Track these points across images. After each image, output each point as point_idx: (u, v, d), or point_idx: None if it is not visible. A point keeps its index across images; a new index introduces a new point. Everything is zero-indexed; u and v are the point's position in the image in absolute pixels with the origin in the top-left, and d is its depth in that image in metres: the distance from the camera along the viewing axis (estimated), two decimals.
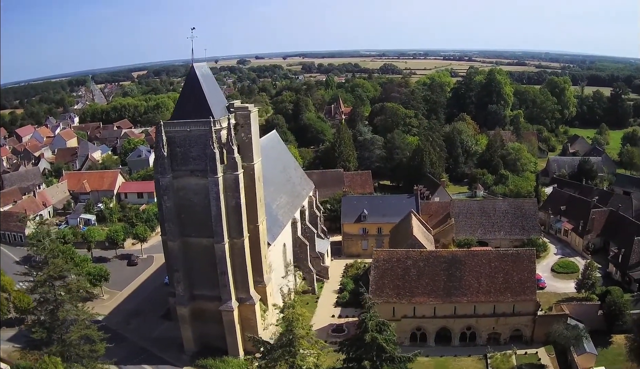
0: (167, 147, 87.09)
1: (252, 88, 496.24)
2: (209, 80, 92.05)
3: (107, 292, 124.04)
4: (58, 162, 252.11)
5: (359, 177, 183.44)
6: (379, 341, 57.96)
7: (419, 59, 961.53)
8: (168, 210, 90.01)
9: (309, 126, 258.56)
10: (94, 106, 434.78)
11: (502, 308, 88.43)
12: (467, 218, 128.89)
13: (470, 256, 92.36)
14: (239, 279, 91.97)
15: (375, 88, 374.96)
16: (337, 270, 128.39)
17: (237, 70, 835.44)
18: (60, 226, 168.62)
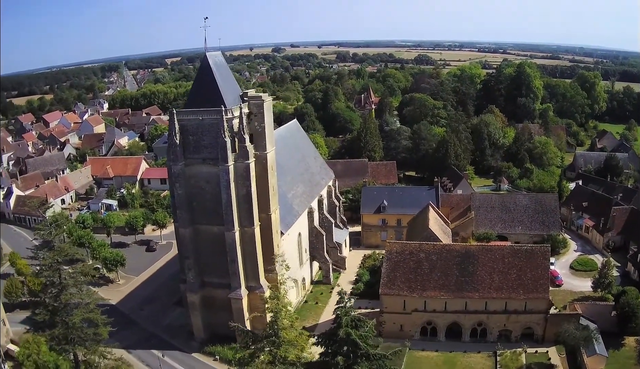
0: (179, 135, 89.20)
1: (284, 76, 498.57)
2: (222, 69, 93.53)
3: (123, 277, 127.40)
4: (84, 148, 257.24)
5: (384, 167, 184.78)
6: (353, 337, 57.67)
7: (454, 50, 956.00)
8: (179, 197, 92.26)
9: (338, 115, 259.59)
10: (124, 92, 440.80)
11: (513, 305, 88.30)
12: (487, 212, 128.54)
13: (483, 251, 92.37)
14: (249, 268, 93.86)
15: (407, 79, 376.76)
16: (355, 261, 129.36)
17: (271, 58, 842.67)
18: (81, 211, 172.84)
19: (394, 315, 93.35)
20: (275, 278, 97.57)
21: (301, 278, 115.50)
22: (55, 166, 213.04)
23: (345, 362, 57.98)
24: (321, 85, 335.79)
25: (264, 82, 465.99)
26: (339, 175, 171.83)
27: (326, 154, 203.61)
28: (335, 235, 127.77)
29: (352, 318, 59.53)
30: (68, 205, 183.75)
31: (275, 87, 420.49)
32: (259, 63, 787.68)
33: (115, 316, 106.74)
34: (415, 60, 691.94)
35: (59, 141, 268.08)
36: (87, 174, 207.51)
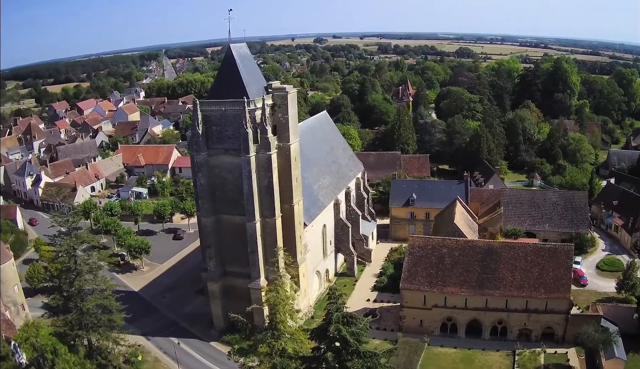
0: (202, 125, 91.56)
1: (323, 67, 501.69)
2: (247, 60, 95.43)
3: (148, 264, 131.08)
4: (116, 135, 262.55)
5: (416, 160, 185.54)
6: (343, 333, 57.69)
7: (496, 44, 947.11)
8: (202, 187, 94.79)
9: (374, 107, 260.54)
10: (160, 81, 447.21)
11: (534, 304, 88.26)
12: (516, 208, 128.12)
13: (506, 248, 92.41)
14: (269, 259, 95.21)
15: (446, 71, 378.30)
16: (381, 254, 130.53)
17: (312, 49, 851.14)
18: (111, 199, 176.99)
19: (414, 310, 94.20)
20: (297, 270, 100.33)
21: (324, 270, 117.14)
22: (87, 153, 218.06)
23: (334, 358, 58.20)
24: (358, 77, 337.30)
25: (303, 72, 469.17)
26: (371, 167, 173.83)
27: (359, 146, 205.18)
28: (362, 227, 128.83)
29: (343, 314, 59.57)
30: (98, 192, 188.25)
31: (314, 78, 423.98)
32: (300, 53, 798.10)
33: (136, 303, 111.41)
34: (456, 53, 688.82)
35: (92, 128, 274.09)
36: (118, 161, 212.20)
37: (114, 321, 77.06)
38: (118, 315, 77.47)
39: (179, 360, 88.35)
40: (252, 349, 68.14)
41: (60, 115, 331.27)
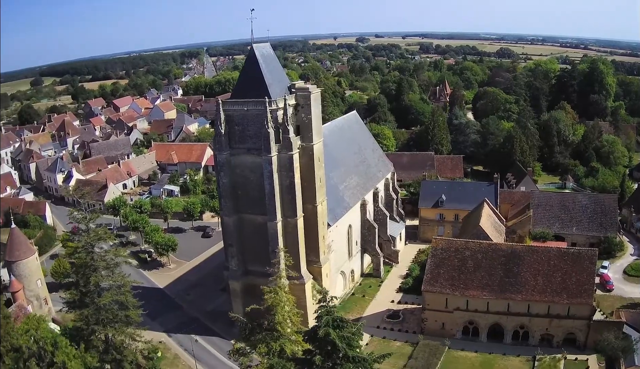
0: (225, 124, 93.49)
1: (363, 66, 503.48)
2: (269, 60, 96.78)
3: (175, 262, 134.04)
4: (151, 133, 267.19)
5: (450, 161, 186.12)
6: (332, 337, 57.80)
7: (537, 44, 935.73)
8: (224, 186, 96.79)
9: (410, 107, 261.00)
10: (198, 79, 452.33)
11: (556, 309, 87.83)
12: (545, 211, 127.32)
13: (529, 252, 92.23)
14: (291, 258, 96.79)
15: (484, 72, 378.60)
16: (409, 255, 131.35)
17: (353, 48, 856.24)
18: (142, 196, 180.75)
19: (436, 313, 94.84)
20: (320, 270, 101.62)
21: (350, 270, 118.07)
22: (120, 150, 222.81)
23: (323, 362, 58.52)
24: (396, 77, 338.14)
25: (343, 71, 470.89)
26: (404, 167, 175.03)
27: (393, 146, 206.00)
28: (390, 228, 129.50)
29: (333, 318, 59.69)
30: (129, 190, 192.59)
31: (353, 77, 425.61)
32: (342, 52, 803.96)
33: (161, 299, 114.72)
34: (497, 53, 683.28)
35: (126, 125, 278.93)
36: (152, 159, 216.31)
37: (131, 317, 79.20)
38: (134, 311, 79.41)
39: (198, 357, 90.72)
40: (251, 349, 69.63)
41: (95, 112, 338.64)
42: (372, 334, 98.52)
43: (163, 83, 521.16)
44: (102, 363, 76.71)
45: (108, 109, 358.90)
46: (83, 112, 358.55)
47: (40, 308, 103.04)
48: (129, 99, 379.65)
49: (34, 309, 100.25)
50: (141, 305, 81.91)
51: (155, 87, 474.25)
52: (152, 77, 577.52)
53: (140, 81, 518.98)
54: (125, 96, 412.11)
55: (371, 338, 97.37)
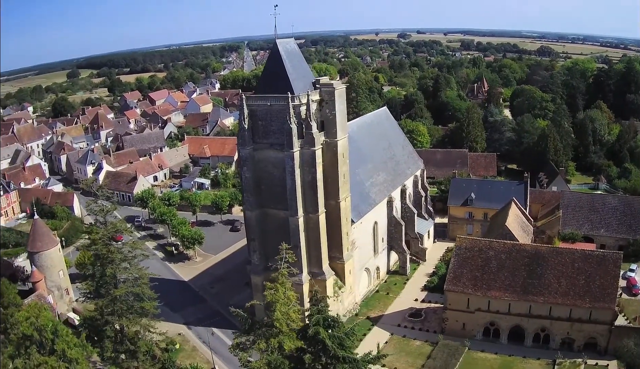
0: (248, 119, 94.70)
1: (403, 62, 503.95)
2: (293, 56, 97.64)
3: (201, 255, 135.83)
4: (186, 127, 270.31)
5: (484, 159, 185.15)
6: (321, 336, 57.54)
7: (577, 43, 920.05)
8: (247, 181, 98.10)
9: (447, 103, 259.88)
10: (236, 73, 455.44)
11: (578, 312, 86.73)
12: (575, 211, 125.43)
13: (554, 254, 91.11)
14: (312, 254, 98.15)
15: (523, 70, 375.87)
16: (437, 253, 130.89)
17: (394, 44, 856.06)
18: (173, 188, 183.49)
19: (457, 312, 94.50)
20: (343, 266, 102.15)
21: (375, 267, 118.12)
22: (153, 143, 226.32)
23: (312, 361, 58.45)
24: (433, 73, 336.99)
25: (382, 67, 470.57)
26: (437, 164, 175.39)
27: (428, 143, 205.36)
28: (418, 226, 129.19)
29: (324, 317, 59.40)
30: (160, 182, 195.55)
31: (392, 73, 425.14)
32: (382, 48, 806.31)
33: (184, 292, 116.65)
34: (537, 51, 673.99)
35: (161, 118, 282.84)
36: (184, 152, 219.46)
37: (145, 308, 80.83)
38: (150, 303, 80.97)
39: (216, 350, 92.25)
40: (251, 344, 70.45)
41: (131, 105, 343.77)
42: (392, 333, 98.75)
43: (201, 76, 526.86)
44: (117, 353, 78.65)
45: (144, 102, 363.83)
46: (119, 105, 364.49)
47: (61, 298, 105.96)
48: (165, 93, 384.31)
49: (54, 299, 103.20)
50: (158, 297, 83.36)
51: (193, 80, 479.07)
52: (191, 70, 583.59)
53: (178, 74, 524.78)
54: (162, 89, 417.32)
55: (391, 336, 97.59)
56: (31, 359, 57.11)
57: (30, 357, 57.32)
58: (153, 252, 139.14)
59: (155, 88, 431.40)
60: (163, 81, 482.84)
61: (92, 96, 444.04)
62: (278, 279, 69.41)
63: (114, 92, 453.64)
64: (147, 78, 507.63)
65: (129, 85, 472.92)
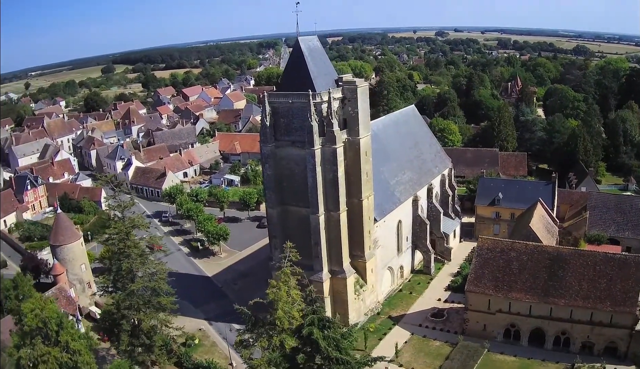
0: (270, 117, 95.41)
1: (439, 60, 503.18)
2: (316, 53, 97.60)
3: (227, 251, 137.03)
4: (219, 123, 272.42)
5: (514, 158, 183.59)
6: (315, 337, 56.87)
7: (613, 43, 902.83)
8: (268, 178, 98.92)
9: (480, 102, 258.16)
10: (270, 70, 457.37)
11: (599, 316, 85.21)
12: (602, 213, 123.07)
13: (575, 256, 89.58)
14: (333, 252, 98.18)
15: (557, 69, 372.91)
16: (462, 252, 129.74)
17: (431, 42, 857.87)
18: (202, 185, 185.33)
19: (478, 313, 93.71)
20: (364, 265, 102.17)
21: (398, 266, 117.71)
22: (185, 139, 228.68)
23: (305, 361, 58.32)
24: (467, 71, 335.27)
25: (418, 65, 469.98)
26: (467, 163, 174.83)
27: (459, 142, 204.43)
28: (444, 225, 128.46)
29: (319, 317, 58.81)
30: (190, 178, 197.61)
31: (427, 71, 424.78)
32: (420, 46, 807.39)
33: (207, 288, 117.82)
34: (573, 50, 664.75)
35: (193, 114, 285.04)
36: (215, 148, 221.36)
37: (162, 303, 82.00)
38: (167, 298, 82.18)
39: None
40: (254, 341, 70.91)
41: (164, 100, 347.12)
42: (413, 332, 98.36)
43: (236, 73, 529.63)
44: (132, 347, 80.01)
45: (177, 97, 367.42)
46: (152, 100, 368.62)
47: (83, 291, 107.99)
48: (199, 89, 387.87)
49: (76, 292, 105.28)
50: (179, 292, 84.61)
51: (227, 77, 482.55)
52: (226, 66, 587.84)
53: (214, 71, 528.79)
54: (196, 85, 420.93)
55: (411, 336, 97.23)
56: (35, 349, 58.81)
57: (35, 348, 59.02)
58: (178, 247, 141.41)
59: (189, 84, 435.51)
60: (198, 77, 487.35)
61: (126, 91, 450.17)
62: (281, 277, 69.29)
63: (148, 88, 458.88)
64: (182, 74, 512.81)
65: (163, 81, 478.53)
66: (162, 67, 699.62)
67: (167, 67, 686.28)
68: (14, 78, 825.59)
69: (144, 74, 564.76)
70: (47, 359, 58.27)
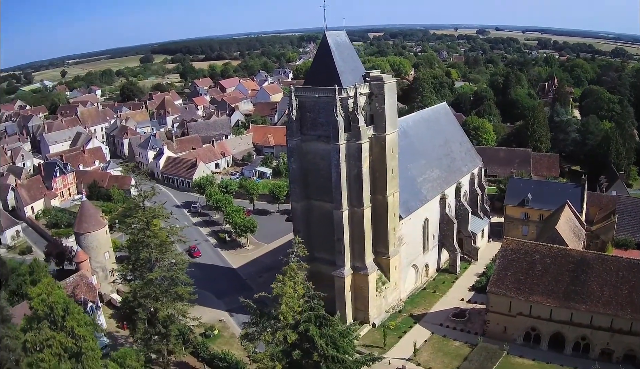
0: (296, 111, 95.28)
1: (478, 58, 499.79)
2: (343, 48, 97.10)
3: (254, 243, 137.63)
4: (254, 115, 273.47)
5: (547, 159, 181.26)
6: (311, 333, 57.07)
7: None
8: (293, 172, 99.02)
9: (516, 101, 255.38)
10: (309, 63, 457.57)
11: (619, 323, 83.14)
12: (630, 217, 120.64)
13: (599, 261, 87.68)
14: (356, 248, 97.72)
15: (594, 70, 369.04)
16: (489, 252, 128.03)
17: (472, 40, 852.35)
18: (233, 176, 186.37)
19: (499, 315, 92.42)
20: (388, 262, 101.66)
21: (423, 264, 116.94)
22: (219, 130, 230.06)
23: (301, 357, 57.95)
24: (504, 70, 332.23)
25: (457, 63, 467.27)
26: (500, 163, 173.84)
27: (493, 141, 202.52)
28: (472, 224, 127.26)
29: (316, 314, 58.77)
30: (222, 169, 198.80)
31: (466, 69, 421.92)
32: (460, 44, 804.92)
33: (231, 280, 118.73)
34: (612, 53, 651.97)
35: (229, 106, 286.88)
36: (248, 141, 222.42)
37: (179, 293, 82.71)
38: (184, 288, 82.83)
39: None
40: (258, 335, 71.01)
41: (200, 91, 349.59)
42: (433, 332, 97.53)
43: (275, 66, 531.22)
44: (149, 335, 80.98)
45: (214, 89, 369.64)
46: (189, 91, 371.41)
47: (105, 278, 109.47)
48: (236, 80, 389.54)
49: (98, 280, 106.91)
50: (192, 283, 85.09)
51: (266, 69, 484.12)
52: (265, 59, 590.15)
53: (252, 63, 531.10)
54: (234, 77, 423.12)
55: (431, 335, 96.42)
56: (41, 333, 59.92)
57: (41, 332, 60.15)
58: (206, 238, 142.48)
59: (227, 76, 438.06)
60: (236, 69, 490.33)
61: (163, 81, 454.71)
62: (287, 272, 69.23)
63: (186, 79, 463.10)
64: (220, 65, 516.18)
65: (201, 72, 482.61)
66: (201, 58, 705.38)
67: (206, 58, 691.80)
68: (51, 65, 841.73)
69: (182, 65, 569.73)
70: (52, 343, 59.36)
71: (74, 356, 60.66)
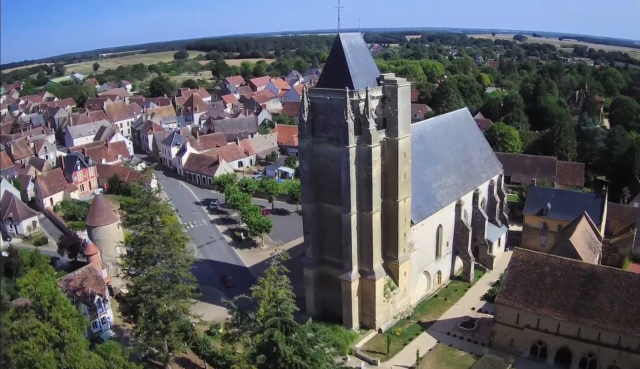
0: (308, 112, 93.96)
1: (512, 64, 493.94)
2: (357, 50, 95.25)
3: (269, 243, 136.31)
4: (282, 115, 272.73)
5: (572, 168, 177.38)
6: (275, 339, 55.41)
7: None
8: (304, 173, 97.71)
9: (546, 109, 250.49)
10: None
11: (627, 341, 79.99)
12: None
13: (610, 275, 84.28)
14: (364, 252, 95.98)
15: (627, 79, 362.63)
16: (506, 261, 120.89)
17: (508, 45, 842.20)
18: (256, 175, 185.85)
19: (506, 327, 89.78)
20: (397, 268, 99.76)
21: (435, 271, 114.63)
22: (245, 129, 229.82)
23: (266, 362, 56.59)
24: (534, 77, 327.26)
25: (491, 68, 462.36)
26: (525, 170, 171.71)
27: (519, 148, 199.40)
28: (488, 232, 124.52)
29: (282, 320, 57.03)
30: (244, 168, 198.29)
31: (499, 74, 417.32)
32: (496, 49, 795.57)
33: (243, 278, 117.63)
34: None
35: (257, 105, 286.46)
36: (273, 140, 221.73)
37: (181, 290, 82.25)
38: (185, 286, 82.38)
39: None
40: (238, 337, 69.76)
41: (230, 89, 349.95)
42: (439, 340, 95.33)
43: (308, 65, 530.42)
44: (149, 330, 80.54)
45: (245, 87, 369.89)
46: (220, 88, 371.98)
47: (115, 272, 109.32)
48: (267, 79, 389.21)
49: (108, 273, 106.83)
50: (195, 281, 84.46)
51: (299, 69, 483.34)
52: (299, 58, 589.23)
53: (286, 62, 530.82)
54: (266, 75, 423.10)
55: (437, 344, 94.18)
56: (27, 322, 60.56)
57: (27, 320, 60.82)
58: (221, 236, 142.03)
59: (260, 74, 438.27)
60: (269, 68, 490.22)
61: (195, 77, 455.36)
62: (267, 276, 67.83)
63: (218, 76, 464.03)
64: (253, 63, 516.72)
65: (234, 69, 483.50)
66: (236, 55, 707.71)
67: (240, 56, 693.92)
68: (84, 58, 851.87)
69: (216, 62, 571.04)
70: (36, 332, 59.90)
71: (57, 345, 61.40)
